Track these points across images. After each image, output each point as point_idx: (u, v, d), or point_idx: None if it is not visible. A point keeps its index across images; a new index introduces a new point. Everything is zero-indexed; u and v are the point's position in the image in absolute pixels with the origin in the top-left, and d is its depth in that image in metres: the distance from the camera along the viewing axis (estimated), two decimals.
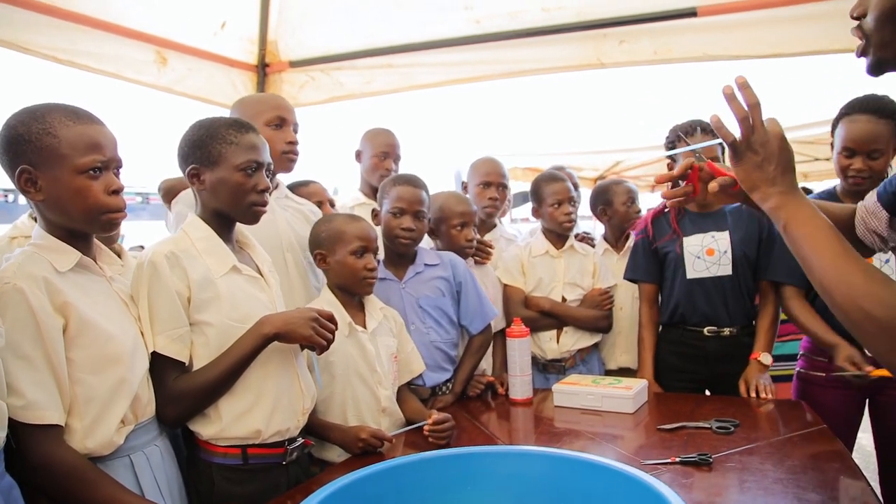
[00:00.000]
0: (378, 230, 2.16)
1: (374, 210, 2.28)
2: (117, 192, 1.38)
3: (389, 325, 2.07)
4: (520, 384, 2.23)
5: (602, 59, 2.96)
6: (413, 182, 2.23)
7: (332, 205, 2.66)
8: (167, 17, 3.02)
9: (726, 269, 2.36)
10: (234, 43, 3.40)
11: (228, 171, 1.60)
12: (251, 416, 1.58)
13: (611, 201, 2.88)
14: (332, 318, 1.66)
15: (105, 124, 1.40)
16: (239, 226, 1.71)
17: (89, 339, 1.32)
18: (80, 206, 1.34)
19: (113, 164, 1.39)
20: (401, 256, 2.25)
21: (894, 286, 0.94)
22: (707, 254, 2.40)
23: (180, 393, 1.51)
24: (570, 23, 2.96)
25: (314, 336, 1.58)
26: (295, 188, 2.54)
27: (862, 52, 1.10)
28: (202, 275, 1.55)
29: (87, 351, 1.32)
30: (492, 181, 2.69)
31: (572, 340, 2.58)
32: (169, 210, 2.20)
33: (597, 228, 4.38)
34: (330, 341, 1.63)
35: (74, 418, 1.30)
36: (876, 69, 1.10)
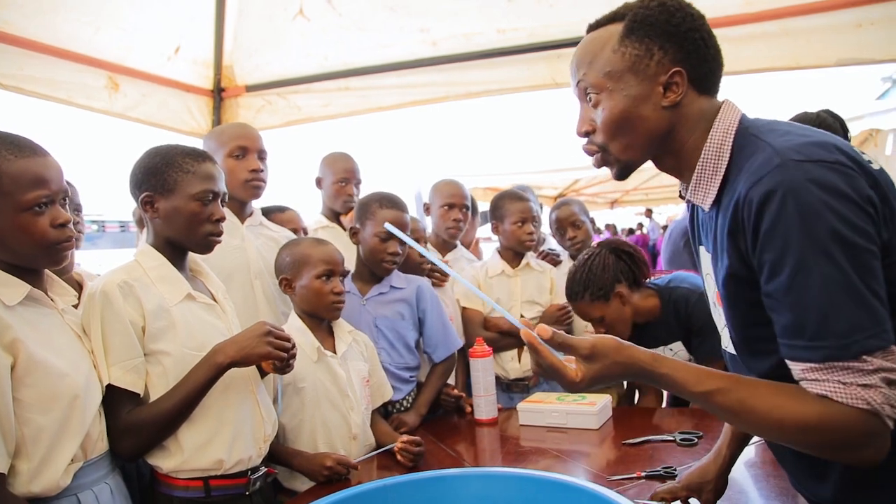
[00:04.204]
0: (344, 250, 2.16)
1: (352, 228, 2.27)
2: (64, 224, 1.33)
3: (360, 349, 2.05)
4: (484, 404, 2.22)
5: (556, 79, 3.01)
6: (400, 206, 2.24)
7: (306, 233, 2.64)
8: (119, 41, 2.97)
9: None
10: (188, 67, 3.36)
11: (184, 200, 1.57)
12: (212, 445, 1.54)
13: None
14: (287, 338, 1.62)
15: (49, 154, 1.35)
16: (192, 254, 1.68)
17: (38, 377, 1.27)
18: (25, 243, 1.30)
19: (59, 196, 1.34)
20: (372, 273, 2.24)
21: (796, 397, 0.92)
22: None
23: (134, 425, 1.47)
24: (524, 44, 3.00)
25: (272, 351, 1.55)
26: (270, 213, 2.53)
27: (603, 163, 1.14)
28: (156, 303, 1.52)
29: (35, 389, 1.26)
30: (455, 203, 2.70)
31: None
32: (141, 235, 2.18)
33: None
34: (287, 350, 1.59)
35: (21, 460, 1.24)
36: (623, 174, 1.14)
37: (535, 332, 1.01)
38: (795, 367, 0.92)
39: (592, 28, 1.12)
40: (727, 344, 1.13)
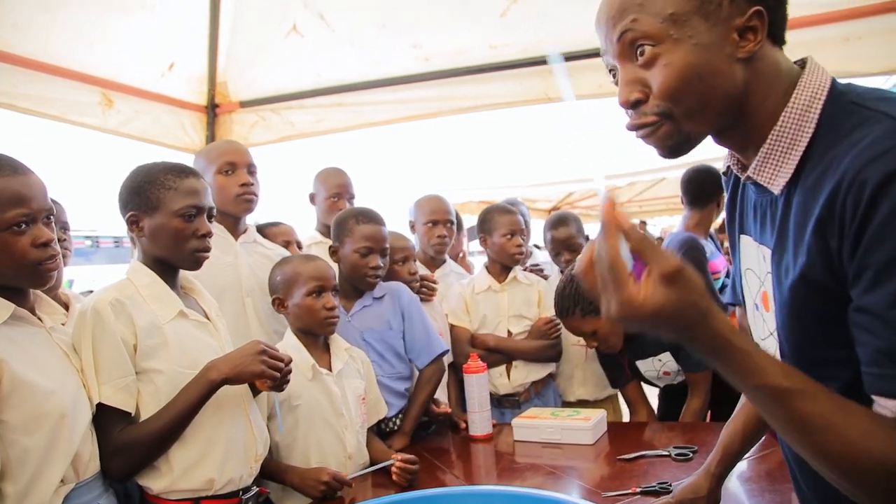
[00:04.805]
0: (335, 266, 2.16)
1: (331, 247, 2.26)
2: (46, 244, 1.32)
3: (357, 366, 2.03)
4: (479, 420, 2.21)
5: (549, 94, 3.02)
6: (376, 219, 2.22)
7: (300, 246, 2.64)
8: (113, 58, 2.98)
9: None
10: (182, 84, 3.37)
11: (167, 217, 1.56)
12: (203, 465, 1.52)
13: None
14: (281, 358, 1.61)
15: (31, 172, 1.35)
16: (183, 271, 1.67)
17: (24, 397, 1.25)
18: (5, 263, 1.29)
19: (41, 215, 1.34)
20: (354, 289, 2.23)
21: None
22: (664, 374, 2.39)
23: (125, 444, 1.45)
24: (516, 59, 3.02)
25: (266, 370, 1.53)
26: (264, 228, 2.54)
27: (664, 140, 0.86)
28: (149, 321, 1.51)
29: (20, 410, 1.25)
30: (439, 219, 2.68)
31: (523, 374, 2.56)
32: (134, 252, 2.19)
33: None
34: (280, 370, 1.58)
35: (7, 483, 1.23)
36: (680, 150, 0.88)
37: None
38: (888, 403, 0.71)
39: None
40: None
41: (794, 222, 0.81)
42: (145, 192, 1.57)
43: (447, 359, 2.41)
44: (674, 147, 0.88)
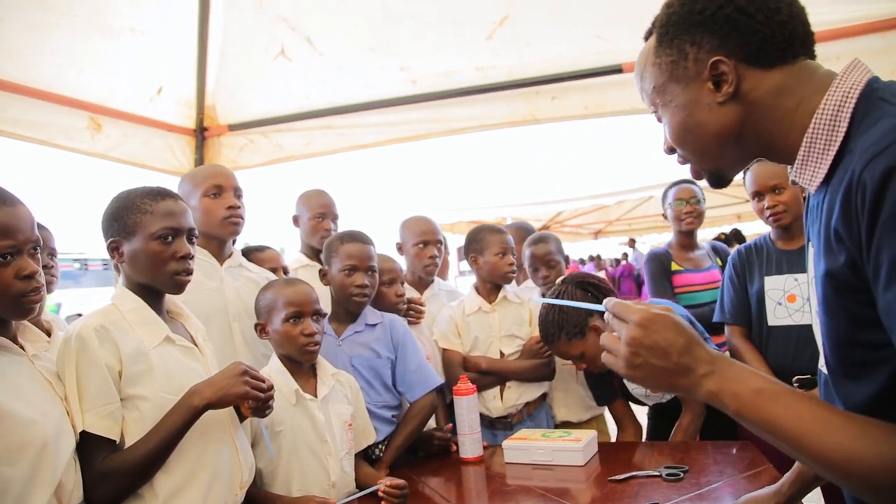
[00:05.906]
0: (325, 290, 2.15)
1: (321, 270, 2.26)
2: (30, 276, 1.31)
3: (344, 392, 2.01)
4: (469, 442, 2.20)
5: (536, 116, 3.05)
6: (361, 238, 2.22)
7: (286, 272, 2.63)
8: (101, 83, 3.00)
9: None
10: (171, 108, 3.38)
11: (144, 241, 1.55)
12: (188, 492, 1.50)
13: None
14: (263, 379, 1.59)
15: (18, 203, 1.34)
16: (169, 295, 1.66)
17: (6, 427, 1.24)
18: None
19: (27, 246, 1.33)
20: (347, 313, 2.23)
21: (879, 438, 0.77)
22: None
23: (109, 472, 1.43)
24: (503, 81, 3.05)
25: (249, 391, 1.51)
26: (250, 252, 2.52)
27: (696, 174, 1.06)
28: (134, 347, 1.49)
29: (2, 440, 1.23)
30: (429, 240, 2.67)
31: (517, 395, 2.53)
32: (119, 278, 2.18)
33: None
34: (264, 391, 1.55)
35: None
36: (715, 182, 1.04)
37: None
38: None
39: (645, 38, 1.05)
40: (822, 363, 0.96)
41: (824, 221, 0.84)
42: (123, 218, 1.56)
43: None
44: (709, 181, 1.04)
